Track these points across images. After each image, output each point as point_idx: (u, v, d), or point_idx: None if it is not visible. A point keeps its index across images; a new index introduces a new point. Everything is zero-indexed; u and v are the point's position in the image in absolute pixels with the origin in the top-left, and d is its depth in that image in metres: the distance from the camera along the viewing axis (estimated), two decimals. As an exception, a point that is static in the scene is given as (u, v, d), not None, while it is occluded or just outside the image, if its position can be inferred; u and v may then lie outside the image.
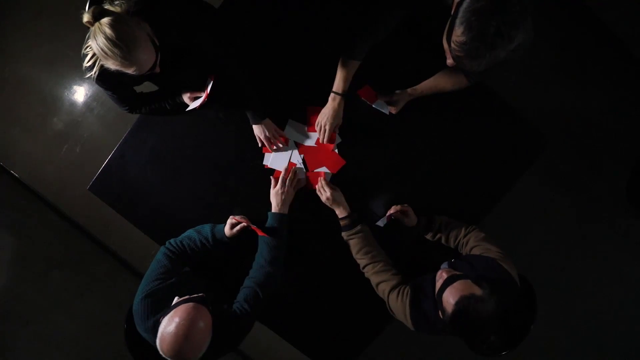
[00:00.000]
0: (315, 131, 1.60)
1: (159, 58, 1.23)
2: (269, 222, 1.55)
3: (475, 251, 1.44)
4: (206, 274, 1.63)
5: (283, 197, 1.54)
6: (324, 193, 1.54)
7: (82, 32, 1.21)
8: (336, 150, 1.62)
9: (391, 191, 1.64)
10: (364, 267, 1.53)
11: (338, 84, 1.48)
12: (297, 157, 1.62)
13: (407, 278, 1.50)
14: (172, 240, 1.51)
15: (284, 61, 1.61)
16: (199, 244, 1.50)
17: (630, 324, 2.59)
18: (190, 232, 1.53)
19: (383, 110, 1.60)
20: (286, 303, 1.69)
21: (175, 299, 1.24)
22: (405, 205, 1.55)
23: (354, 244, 1.54)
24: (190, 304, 1.15)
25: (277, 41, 1.61)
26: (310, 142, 1.62)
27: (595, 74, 2.45)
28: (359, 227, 1.53)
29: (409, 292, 1.39)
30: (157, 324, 1.22)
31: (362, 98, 1.59)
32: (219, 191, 1.65)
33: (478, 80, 1.49)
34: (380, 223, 1.60)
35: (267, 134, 1.56)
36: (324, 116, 1.52)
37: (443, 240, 1.56)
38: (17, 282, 2.10)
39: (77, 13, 1.14)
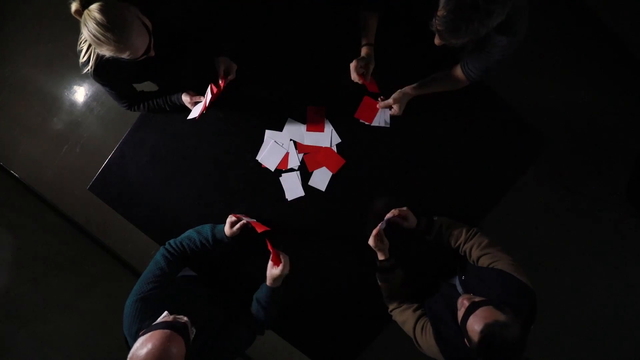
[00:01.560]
0: (314, 130, 1.61)
1: (152, 41, 1.23)
2: (265, 293, 1.50)
3: (484, 261, 1.43)
4: (208, 279, 1.63)
5: (278, 274, 1.46)
6: (376, 240, 1.53)
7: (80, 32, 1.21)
8: (335, 149, 1.62)
9: (391, 191, 1.64)
10: (391, 310, 1.56)
11: (365, 37, 1.50)
12: (295, 157, 1.62)
13: (418, 297, 1.53)
14: (171, 241, 1.51)
15: (284, 61, 1.61)
16: (199, 244, 1.50)
17: (630, 323, 2.59)
18: (190, 233, 1.53)
19: (383, 125, 1.60)
20: (287, 304, 1.69)
21: (164, 314, 1.21)
22: (404, 209, 1.54)
23: (386, 287, 1.56)
24: (166, 332, 1.11)
25: (277, 41, 1.60)
26: (309, 142, 1.62)
27: (595, 74, 2.45)
28: (395, 272, 1.55)
29: (430, 327, 1.39)
30: (139, 331, 1.20)
31: (361, 120, 1.60)
32: (218, 191, 1.65)
33: (477, 80, 1.49)
34: (382, 226, 1.59)
35: (221, 67, 1.46)
36: (363, 61, 1.49)
37: (444, 242, 1.56)
38: (17, 282, 2.09)
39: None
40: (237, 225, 1.49)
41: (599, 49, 2.42)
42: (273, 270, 1.45)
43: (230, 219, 1.51)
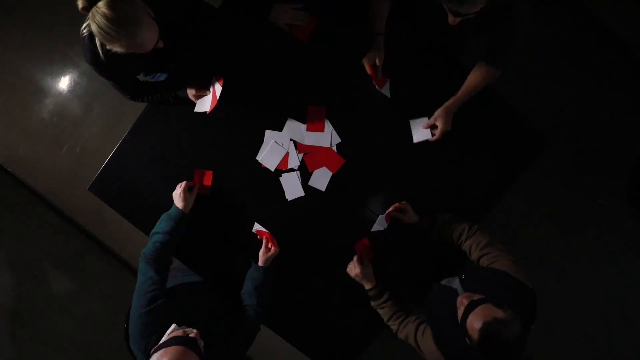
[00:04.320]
0: (314, 130, 1.61)
1: (159, 33, 1.22)
2: (257, 274, 1.55)
3: (483, 261, 1.43)
4: (211, 283, 1.63)
5: (267, 256, 1.55)
6: (353, 270, 1.56)
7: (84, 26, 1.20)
8: (335, 149, 1.62)
9: (391, 190, 1.64)
10: (396, 332, 1.55)
11: (374, 26, 1.50)
12: (295, 157, 1.62)
13: (417, 300, 1.54)
14: (144, 250, 1.48)
15: (284, 61, 1.61)
16: (169, 237, 1.47)
17: (630, 323, 2.59)
18: (154, 236, 1.50)
19: (386, 95, 1.59)
20: (286, 303, 1.69)
21: (172, 327, 1.20)
22: (404, 202, 1.55)
23: (384, 312, 1.56)
24: (180, 349, 1.11)
25: (277, 41, 1.60)
26: (309, 142, 1.62)
27: (596, 74, 2.45)
28: (386, 296, 1.55)
29: (429, 329, 1.40)
30: (148, 346, 1.21)
31: (373, 82, 1.58)
32: (219, 191, 1.65)
33: (505, 65, 1.48)
34: (380, 227, 1.59)
35: None
36: (374, 55, 1.51)
37: (446, 239, 1.55)
38: (17, 282, 2.09)
39: (76, 12, 1.13)
40: (191, 194, 1.52)
41: (599, 49, 2.42)
42: (269, 254, 1.54)
43: (181, 186, 1.52)
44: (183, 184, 1.54)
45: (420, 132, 1.60)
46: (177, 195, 1.52)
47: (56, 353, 1.99)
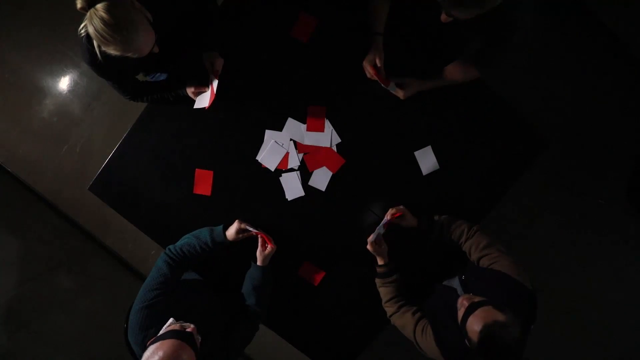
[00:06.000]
0: (314, 130, 1.61)
1: (156, 37, 1.22)
2: (256, 274, 1.56)
3: (484, 262, 1.42)
4: (212, 282, 1.63)
5: (265, 254, 1.55)
6: (374, 245, 1.55)
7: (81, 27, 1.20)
8: (335, 149, 1.62)
9: (391, 191, 1.64)
10: (390, 315, 1.55)
11: (373, 26, 1.50)
12: (295, 157, 1.62)
13: (417, 299, 1.52)
14: (171, 247, 1.50)
15: (284, 61, 1.61)
16: (199, 249, 1.50)
17: (630, 324, 2.59)
18: (189, 239, 1.52)
19: (393, 92, 1.58)
20: (286, 303, 1.69)
21: (170, 321, 1.21)
22: (401, 207, 1.54)
23: (385, 291, 1.56)
24: (176, 342, 1.12)
25: (277, 41, 1.60)
26: (309, 142, 1.62)
27: (596, 74, 2.45)
28: (394, 277, 1.55)
29: (430, 329, 1.39)
30: (145, 339, 1.21)
31: (379, 82, 1.57)
32: (218, 191, 1.65)
33: (488, 71, 1.47)
34: (380, 231, 1.59)
35: (216, 67, 1.50)
36: (374, 56, 1.51)
37: (446, 240, 1.55)
38: (17, 282, 2.09)
39: (77, 12, 1.13)
40: (244, 234, 1.51)
41: (599, 49, 2.42)
42: (266, 252, 1.54)
43: (238, 225, 1.51)
44: (238, 225, 1.52)
45: (426, 164, 1.63)
46: (233, 229, 1.52)
47: (56, 353, 1.99)
